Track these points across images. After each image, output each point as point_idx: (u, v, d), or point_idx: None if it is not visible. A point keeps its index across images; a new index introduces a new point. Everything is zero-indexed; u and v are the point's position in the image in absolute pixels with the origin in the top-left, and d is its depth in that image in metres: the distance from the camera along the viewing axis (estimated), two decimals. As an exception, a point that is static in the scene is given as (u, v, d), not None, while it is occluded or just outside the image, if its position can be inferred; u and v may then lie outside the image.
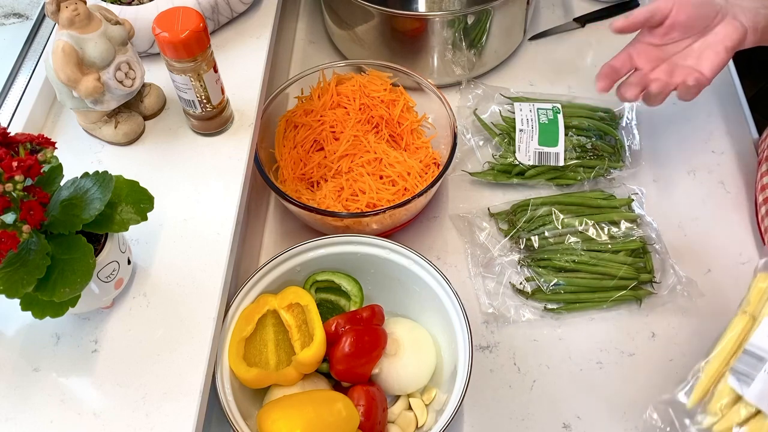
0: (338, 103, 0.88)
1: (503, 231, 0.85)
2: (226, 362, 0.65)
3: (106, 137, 0.76)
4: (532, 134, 0.89)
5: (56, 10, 0.65)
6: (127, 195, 0.59)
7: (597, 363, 0.76)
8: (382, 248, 0.73)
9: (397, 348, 0.69)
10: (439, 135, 0.86)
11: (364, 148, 0.85)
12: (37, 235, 0.54)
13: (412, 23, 0.91)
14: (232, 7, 0.85)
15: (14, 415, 0.59)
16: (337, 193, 0.82)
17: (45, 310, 0.55)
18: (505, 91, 0.95)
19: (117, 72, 0.70)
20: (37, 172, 0.53)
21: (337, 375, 0.68)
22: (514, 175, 0.88)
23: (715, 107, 0.96)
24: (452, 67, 0.96)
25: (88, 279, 0.54)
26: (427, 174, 0.83)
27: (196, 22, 0.66)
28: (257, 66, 0.83)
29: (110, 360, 0.62)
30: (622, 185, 0.87)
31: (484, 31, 0.93)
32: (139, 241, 0.69)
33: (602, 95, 0.95)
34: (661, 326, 0.78)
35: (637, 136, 0.91)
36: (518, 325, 0.78)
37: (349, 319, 0.68)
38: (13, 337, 0.63)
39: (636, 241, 0.81)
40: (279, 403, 0.64)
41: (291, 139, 0.86)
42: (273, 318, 0.70)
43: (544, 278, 0.79)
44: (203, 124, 0.76)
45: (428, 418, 0.70)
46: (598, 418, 0.72)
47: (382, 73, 0.88)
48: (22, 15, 0.91)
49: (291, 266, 0.72)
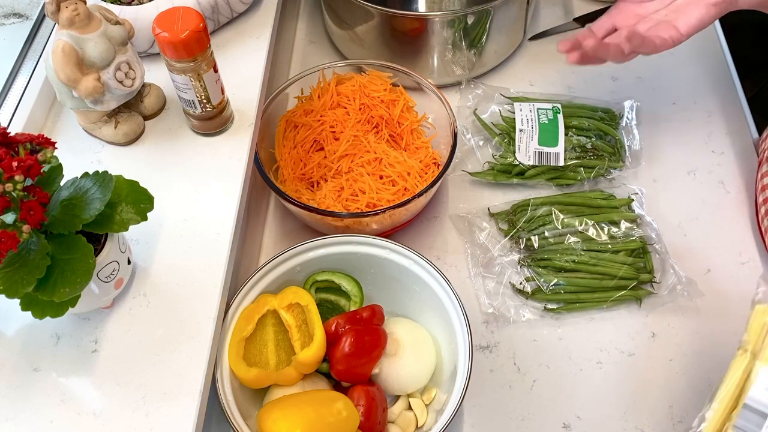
0: (338, 103, 0.88)
1: (503, 231, 0.85)
2: (226, 362, 0.65)
3: (106, 137, 0.76)
4: (532, 134, 0.89)
5: (56, 10, 0.65)
6: (127, 195, 0.59)
7: (597, 363, 0.76)
8: (382, 248, 0.73)
9: (397, 348, 0.69)
10: (439, 135, 0.86)
11: (364, 148, 0.85)
12: (37, 235, 0.54)
13: (412, 23, 0.91)
14: (232, 7, 0.85)
15: (14, 415, 0.59)
16: (337, 193, 0.82)
17: (45, 310, 0.55)
18: (505, 91, 0.95)
19: (117, 72, 0.70)
20: (37, 172, 0.52)
21: (337, 375, 0.68)
22: (514, 175, 0.88)
23: (715, 107, 0.96)
24: (452, 67, 0.96)
25: (88, 279, 0.54)
26: (427, 174, 0.83)
27: (196, 22, 0.66)
28: (257, 66, 0.83)
29: (110, 360, 0.62)
30: (622, 185, 0.87)
31: (484, 31, 0.93)
32: (139, 241, 0.69)
33: (602, 95, 0.95)
34: (661, 326, 0.78)
35: (637, 136, 0.91)
36: (518, 325, 0.78)
37: (349, 319, 0.68)
38: (13, 337, 0.63)
39: (636, 241, 0.81)
40: (279, 403, 0.64)
41: (291, 139, 0.86)
42: (273, 318, 0.70)
43: (544, 278, 0.79)
44: (203, 124, 0.76)
45: (428, 418, 0.70)
46: (598, 418, 0.72)
47: (382, 73, 0.88)
48: (22, 15, 0.91)
49: (291, 266, 0.72)
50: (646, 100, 0.96)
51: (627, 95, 0.95)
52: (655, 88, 0.98)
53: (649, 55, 0.73)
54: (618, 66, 1.01)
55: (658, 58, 1.02)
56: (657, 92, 0.98)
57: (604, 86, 0.99)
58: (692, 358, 0.76)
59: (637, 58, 1.04)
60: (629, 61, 1.01)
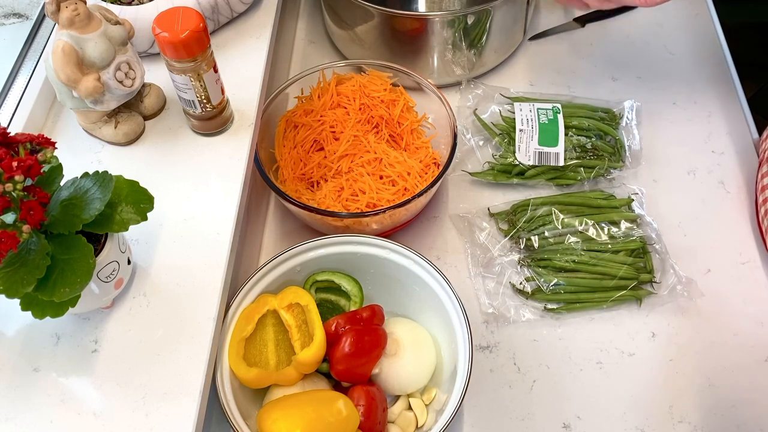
0: (338, 103, 0.88)
1: (503, 231, 0.85)
2: (226, 362, 0.65)
3: (106, 137, 0.76)
4: (532, 134, 0.89)
5: (56, 10, 0.65)
6: (127, 195, 0.59)
7: (597, 363, 0.76)
8: (382, 248, 0.73)
9: (397, 348, 0.69)
10: (439, 135, 0.86)
11: (364, 148, 0.85)
12: (37, 235, 0.54)
13: (412, 23, 0.91)
14: (232, 7, 0.85)
15: (14, 415, 0.59)
16: (337, 193, 0.82)
17: (45, 310, 0.55)
18: (505, 91, 0.95)
19: (117, 72, 0.70)
20: (37, 172, 0.52)
21: (337, 375, 0.68)
22: (514, 175, 0.88)
23: (715, 107, 0.96)
24: (452, 67, 0.96)
25: (88, 279, 0.54)
26: (427, 174, 0.83)
27: (196, 22, 0.66)
28: (257, 66, 0.83)
29: (110, 360, 0.62)
30: (622, 185, 0.87)
31: (484, 31, 0.93)
32: (139, 241, 0.69)
33: (602, 95, 0.95)
34: (661, 326, 0.78)
35: (637, 136, 0.91)
36: (518, 325, 0.78)
37: (349, 319, 0.68)
38: (13, 337, 0.63)
39: (636, 241, 0.81)
40: (279, 403, 0.64)
41: (291, 139, 0.86)
42: (273, 318, 0.70)
43: (544, 278, 0.79)
44: (203, 124, 0.76)
45: (428, 418, 0.70)
46: (598, 418, 0.72)
47: (382, 73, 0.88)
48: (22, 15, 0.91)
49: (291, 266, 0.72)
50: (646, 100, 0.96)
51: (627, 95, 0.95)
52: (655, 88, 0.98)
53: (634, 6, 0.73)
54: (618, 66, 1.01)
55: (658, 59, 1.02)
56: (657, 92, 0.98)
57: (604, 86, 0.99)
58: (692, 358, 0.76)
59: (637, 58, 1.05)
60: (629, 61, 1.02)
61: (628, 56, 1.02)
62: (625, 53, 1.03)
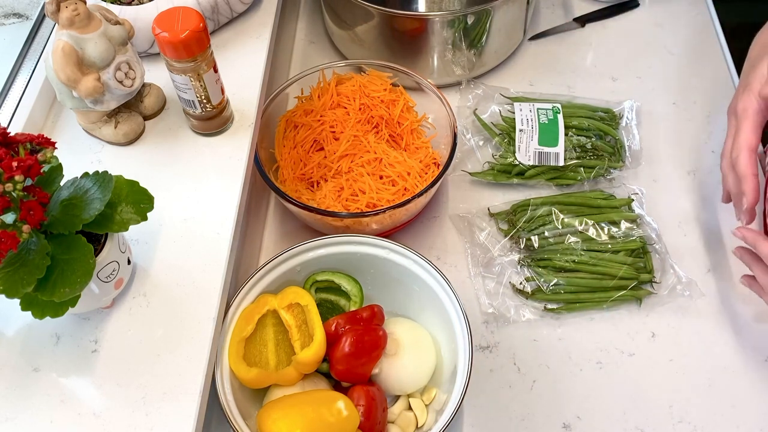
0: (338, 103, 0.88)
1: (503, 231, 0.85)
2: (226, 362, 0.65)
3: (106, 137, 0.76)
4: (532, 134, 0.89)
5: (56, 10, 0.65)
6: (127, 195, 0.59)
7: (597, 363, 0.76)
8: (382, 248, 0.73)
9: (397, 348, 0.69)
10: (439, 135, 0.86)
11: (364, 148, 0.85)
12: (37, 235, 0.54)
13: (412, 23, 0.91)
14: (232, 7, 0.85)
15: (14, 415, 0.59)
16: (337, 193, 0.82)
17: (45, 310, 0.55)
18: (505, 91, 0.95)
19: (117, 72, 0.70)
20: (37, 172, 0.52)
21: (337, 375, 0.68)
22: (514, 175, 0.88)
23: (715, 107, 0.96)
24: (452, 67, 0.96)
25: (88, 279, 0.54)
26: (427, 174, 0.83)
27: (196, 22, 0.66)
28: (257, 66, 0.83)
29: (110, 360, 0.62)
30: (622, 185, 0.87)
31: (484, 31, 0.93)
32: (139, 241, 0.69)
33: (602, 95, 0.95)
34: (661, 326, 0.78)
35: (637, 136, 0.91)
36: (518, 325, 0.78)
37: (349, 319, 0.68)
38: (13, 337, 0.63)
39: (636, 241, 0.81)
40: (279, 403, 0.64)
41: (291, 139, 0.86)
42: (273, 318, 0.70)
43: (544, 278, 0.79)
44: (203, 124, 0.76)
45: (428, 418, 0.70)
46: (598, 418, 0.72)
47: (382, 73, 0.88)
48: (22, 15, 0.91)
49: (291, 266, 0.72)
50: (646, 100, 0.96)
51: (627, 95, 0.95)
52: (655, 88, 0.98)
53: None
54: (618, 66, 1.01)
55: (658, 59, 1.02)
56: (657, 92, 0.98)
57: (604, 86, 0.99)
58: (692, 358, 0.76)
59: (637, 58, 1.05)
60: (629, 61, 1.02)
61: (628, 56, 1.02)
62: (625, 53, 1.03)
